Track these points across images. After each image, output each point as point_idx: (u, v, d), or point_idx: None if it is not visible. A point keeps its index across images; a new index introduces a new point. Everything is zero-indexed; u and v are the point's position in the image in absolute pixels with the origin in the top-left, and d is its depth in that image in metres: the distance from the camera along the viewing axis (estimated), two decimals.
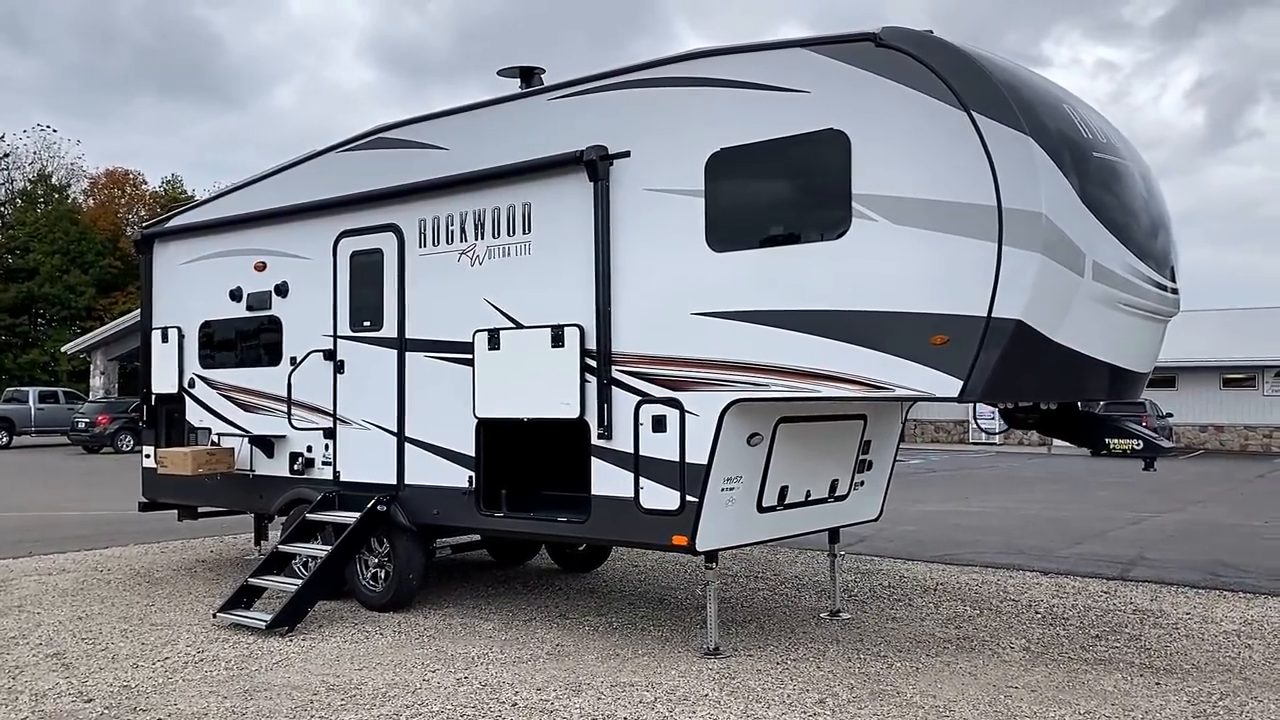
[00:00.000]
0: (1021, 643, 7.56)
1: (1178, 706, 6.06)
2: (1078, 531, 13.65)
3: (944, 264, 5.85)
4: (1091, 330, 6.06)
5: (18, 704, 6.10)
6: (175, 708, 6.00)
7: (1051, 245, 5.65)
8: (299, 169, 9.34)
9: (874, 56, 6.11)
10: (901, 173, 6.00)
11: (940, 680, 6.55)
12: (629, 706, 5.99)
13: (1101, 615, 8.50)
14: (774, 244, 6.51)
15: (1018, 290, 5.64)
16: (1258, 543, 12.80)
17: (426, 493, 8.20)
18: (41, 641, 7.59)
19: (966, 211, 5.77)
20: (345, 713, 5.90)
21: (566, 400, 7.31)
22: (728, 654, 7.15)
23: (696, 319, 6.78)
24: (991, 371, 5.71)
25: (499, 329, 7.71)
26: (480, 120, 8.06)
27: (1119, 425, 6.76)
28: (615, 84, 7.29)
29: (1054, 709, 5.98)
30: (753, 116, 6.57)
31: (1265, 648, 7.49)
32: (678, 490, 6.82)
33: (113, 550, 11.91)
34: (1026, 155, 5.64)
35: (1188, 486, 21.10)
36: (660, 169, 6.98)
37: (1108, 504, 17.53)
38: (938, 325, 5.85)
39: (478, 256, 7.94)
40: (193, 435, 10.11)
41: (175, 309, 10.36)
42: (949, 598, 9.17)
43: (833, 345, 6.21)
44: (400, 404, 8.41)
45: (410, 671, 6.75)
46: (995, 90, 5.76)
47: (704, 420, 6.72)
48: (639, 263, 7.06)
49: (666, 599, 9.13)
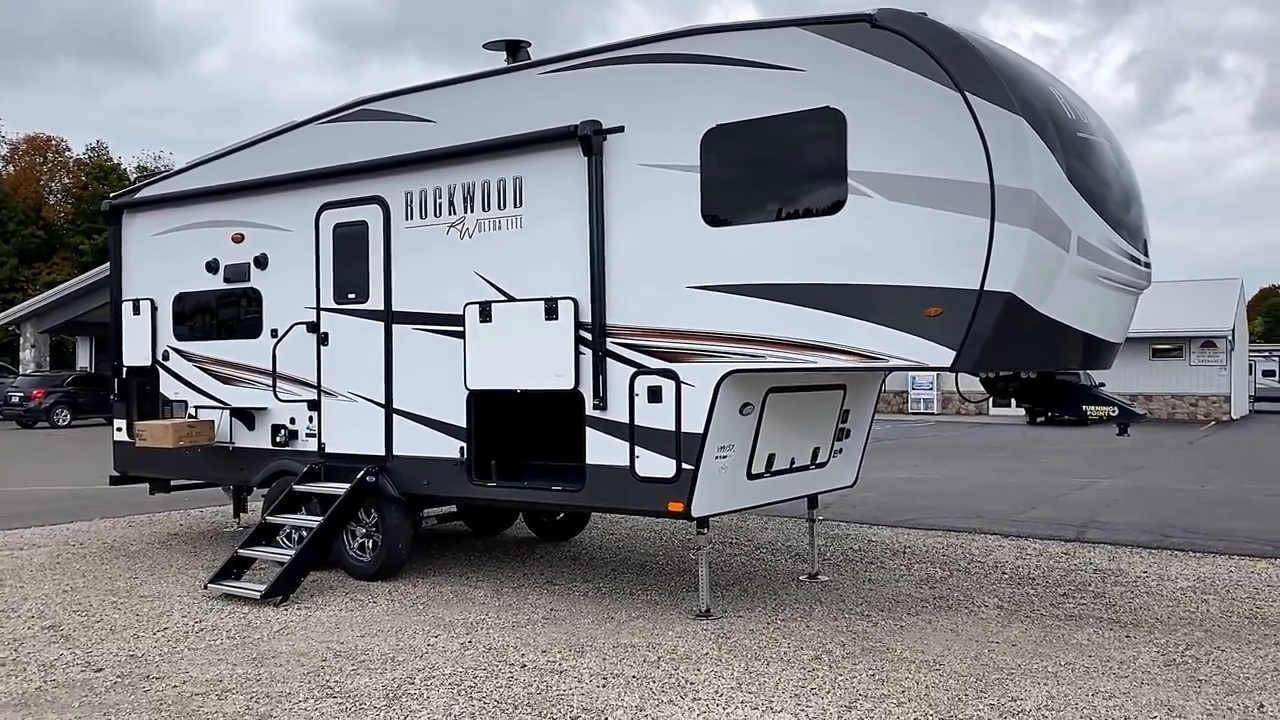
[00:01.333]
0: (994, 601, 7.91)
1: (1149, 657, 6.44)
2: (1030, 497, 14.14)
3: (937, 239, 6.09)
4: (1073, 302, 6.36)
5: (26, 674, 6.13)
6: (188, 675, 6.08)
7: (1041, 221, 5.92)
8: (278, 140, 9.31)
9: (869, 37, 6.31)
10: (896, 150, 6.23)
11: (925, 637, 6.86)
12: (635, 665, 6.20)
13: (1065, 575, 8.91)
14: (770, 219, 6.71)
15: (1010, 264, 5.90)
16: (1198, 505, 13.38)
17: (416, 463, 8.30)
18: (34, 614, 7.58)
19: (960, 188, 6.02)
20: (358, 677, 6.03)
21: (560, 372, 7.45)
22: (719, 615, 7.39)
23: (692, 292, 6.96)
24: (984, 342, 5.98)
25: (490, 301, 7.82)
26: (469, 93, 8.12)
27: (1096, 394, 7.10)
28: (609, 59, 7.41)
29: (1035, 661, 6.31)
30: (749, 93, 6.74)
31: (1220, 602, 7.92)
32: (673, 459, 7.02)
33: (78, 525, 11.80)
34: (1018, 135, 5.90)
35: (1125, 453, 21.83)
36: (655, 144, 7.12)
37: (1052, 470, 18.13)
38: (931, 298, 6.10)
39: (467, 229, 8.02)
40: (168, 408, 10.06)
41: (147, 281, 10.27)
42: (919, 560, 9.52)
43: (828, 317, 6.44)
44: (388, 376, 8.48)
45: (413, 637, 6.88)
46: (988, 71, 6.00)
47: (700, 391, 6.91)
48: (634, 237, 7.21)
49: (648, 564, 9.35)
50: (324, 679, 5.99)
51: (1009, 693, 5.71)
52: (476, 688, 5.81)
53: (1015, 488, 15.32)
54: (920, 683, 5.87)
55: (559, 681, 5.91)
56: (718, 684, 5.85)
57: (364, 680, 5.96)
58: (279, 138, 9.31)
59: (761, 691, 5.72)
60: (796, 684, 5.84)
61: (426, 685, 5.86)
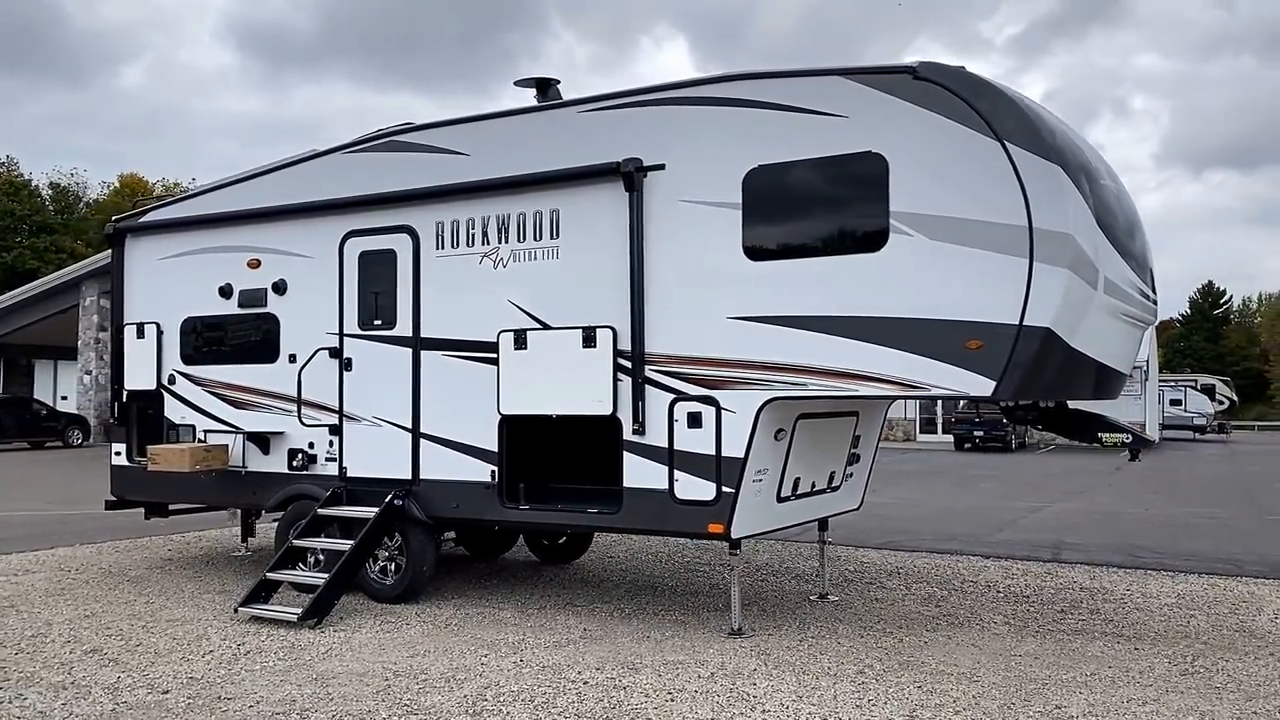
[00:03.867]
0: (1001, 619, 8.36)
1: (1164, 667, 6.92)
2: (992, 520, 14.74)
3: (978, 276, 6.53)
4: (1096, 336, 6.86)
5: (95, 697, 6.15)
6: (259, 695, 6.17)
7: (1076, 261, 6.41)
8: (297, 169, 9.44)
9: (911, 88, 6.76)
10: (937, 193, 6.66)
11: (951, 652, 7.26)
12: (693, 681, 6.47)
13: (1055, 593, 9.42)
14: (812, 254, 7.09)
15: (1048, 301, 6.37)
16: (1150, 528, 14.09)
17: (444, 487, 8.47)
18: (68, 639, 7.55)
19: (999, 230, 6.47)
20: (429, 695, 6.19)
21: (599, 398, 7.72)
22: (750, 634, 7.70)
23: (732, 322, 7.30)
24: (1023, 373, 6.43)
25: (525, 329, 8.06)
26: (505, 128, 8.38)
27: (1109, 421, 7.62)
28: (649, 100, 7.74)
29: (1061, 672, 6.75)
30: (791, 136, 7.13)
31: (1206, 618, 8.48)
32: (713, 482, 7.33)
33: (63, 550, 11.62)
34: (1056, 182, 6.38)
35: (1057, 479, 22.75)
36: (696, 182, 7.47)
37: (997, 495, 18.78)
38: (972, 331, 6.54)
39: (501, 259, 8.26)
40: (173, 432, 10.04)
41: (153, 304, 10.26)
42: (916, 580, 9.95)
43: (870, 348, 6.83)
44: (415, 401, 8.64)
45: (462, 657, 7.05)
46: (1027, 122, 6.49)
47: (740, 417, 7.25)
48: (673, 269, 7.54)
49: (658, 586, 9.62)
50: (397, 698, 6.13)
51: (1051, 701, 6.12)
52: (551, 703, 6.02)
53: (971, 510, 15.92)
54: (966, 694, 6.25)
55: (627, 697, 6.15)
56: (778, 697, 6.15)
57: (437, 698, 6.12)
58: (298, 166, 9.44)
59: (824, 703, 6.03)
60: (854, 696, 6.17)
61: (500, 702, 6.05)
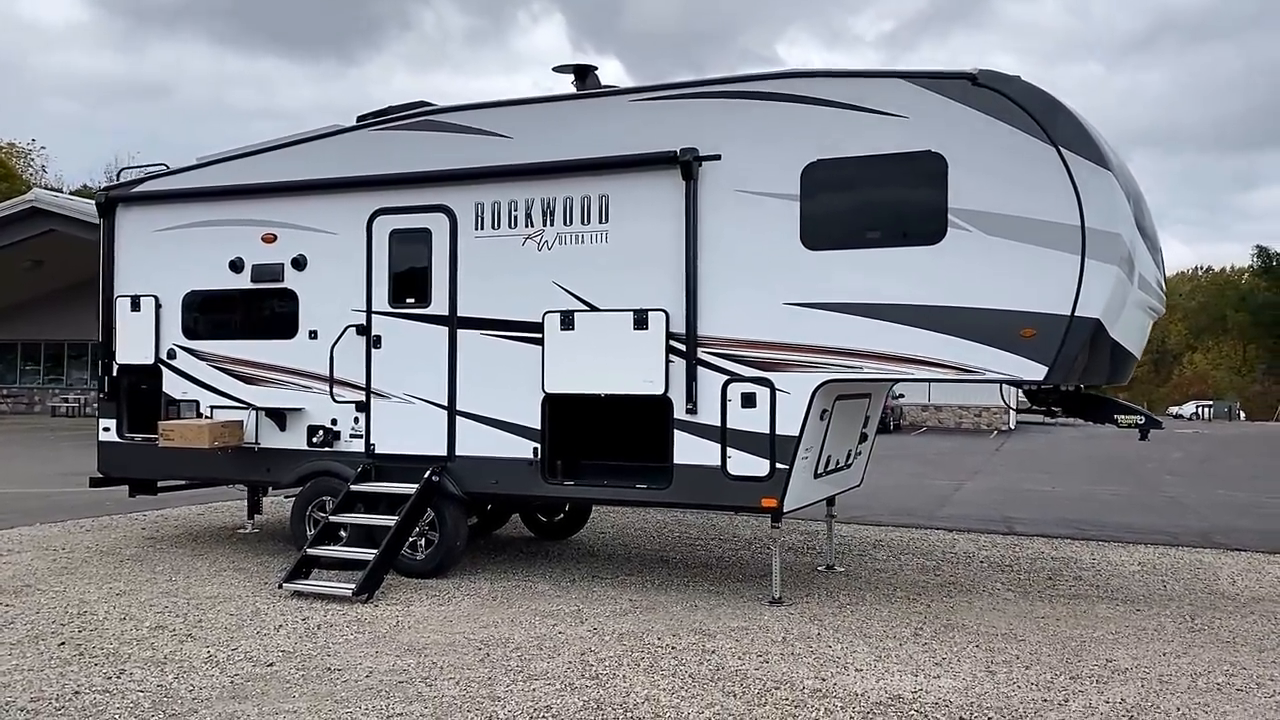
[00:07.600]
0: (1001, 585, 9.05)
1: (1173, 625, 7.69)
2: (929, 496, 15.65)
3: (1032, 270, 7.12)
4: (1127, 325, 7.54)
5: (203, 671, 6.14)
6: (366, 666, 6.28)
7: (1123, 259, 7.05)
8: (319, 143, 9.36)
9: (971, 93, 7.28)
10: (993, 192, 7.21)
11: (982, 614, 7.87)
12: (768, 644, 6.87)
13: (1030, 563, 10.19)
14: (870, 245, 7.56)
15: (1098, 295, 7.00)
16: (1071, 503, 15.21)
17: (483, 463, 8.62)
18: (121, 616, 7.43)
19: (1053, 228, 7.06)
20: (535, 662, 6.39)
21: (650, 378, 8.02)
22: (790, 602, 8.15)
23: (789, 308, 7.71)
24: (1072, 360, 7.05)
25: (572, 310, 8.28)
26: (549, 113, 8.54)
27: (1124, 404, 8.34)
28: (704, 93, 8.06)
29: (1085, 630, 7.43)
30: (850, 133, 7.56)
31: (1178, 582, 9.37)
32: (766, 459, 7.74)
33: (43, 528, 11.23)
34: (1109, 186, 7.00)
35: (949, 459, 24.09)
36: (754, 173, 7.83)
37: (911, 474, 19.82)
38: (1025, 320, 7.12)
39: (546, 241, 8.44)
40: (173, 407, 9.85)
41: (149, 277, 10.00)
42: (901, 552, 10.60)
43: (926, 334, 7.35)
44: (451, 379, 8.76)
45: (536, 628, 7.27)
46: (1081, 130, 7.09)
47: (795, 397, 7.67)
48: (728, 256, 7.88)
49: (669, 558, 9.98)
50: (505, 665, 6.33)
51: (1100, 655, 6.77)
52: (655, 666, 6.33)
53: (902, 488, 16.82)
54: (1023, 650, 6.84)
55: (722, 660, 6.50)
56: (858, 658, 6.60)
57: (543, 664, 6.35)
58: (321, 141, 9.37)
59: (908, 663, 6.52)
60: (927, 656, 6.69)
61: (605, 666, 6.32)
